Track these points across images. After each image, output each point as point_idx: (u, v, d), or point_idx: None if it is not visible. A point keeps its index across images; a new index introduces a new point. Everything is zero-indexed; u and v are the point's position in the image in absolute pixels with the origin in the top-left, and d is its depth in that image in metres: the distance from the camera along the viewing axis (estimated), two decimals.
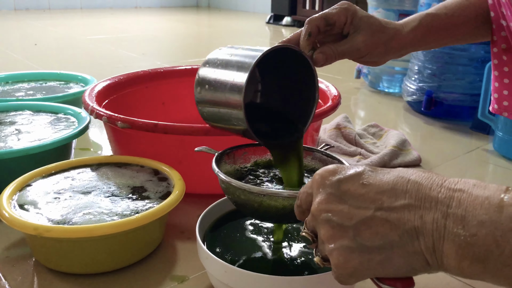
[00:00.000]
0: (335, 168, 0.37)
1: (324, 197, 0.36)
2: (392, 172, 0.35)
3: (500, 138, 1.05)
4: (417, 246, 0.32)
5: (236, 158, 0.60)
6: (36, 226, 0.54)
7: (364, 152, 0.99)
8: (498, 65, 0.71)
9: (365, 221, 0.34)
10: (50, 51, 2.28)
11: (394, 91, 1.58)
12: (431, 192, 0.32)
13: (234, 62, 0.53)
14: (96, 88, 0.93)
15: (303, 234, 0.38)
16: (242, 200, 0.50)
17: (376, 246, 0.33)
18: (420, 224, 0.32)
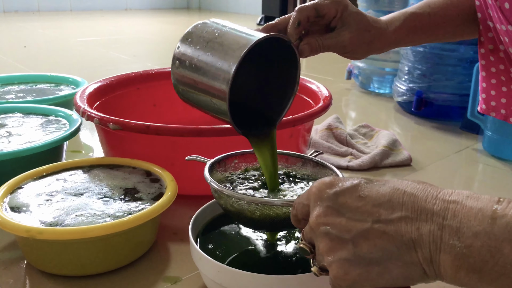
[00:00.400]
0: (331, 180, 0.38)
1: (322, 210, 0.36)
2: (388, 184, 0.36)
3: (489, 137, 1.06)
4: (415, 257, 0.33)
5: (227, 166, 0.60)
6: (28, 228, 0.54)
7: (355, 152, 1.00)
8: (485, 66, 0.72)
9: (363, 234, 0.34)
10: (39, 53, 2.27)
11: (385, 91, 1.59)
12: (427, 204, 0.33)
13: (222, 44, 0.49)
14: (87, 90, 0.93)
15: (301, 245, 0.39)
16: (235, 209, 0.50)
17: (374, 258, 0.34)
18: (417, 236, 0.33)
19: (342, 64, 1.95)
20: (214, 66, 0.48)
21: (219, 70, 0.48)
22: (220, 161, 0.59)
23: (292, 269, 0.52)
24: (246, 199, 0.48)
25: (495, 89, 0.72)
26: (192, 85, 0.52)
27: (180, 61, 0.52)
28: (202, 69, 0.49)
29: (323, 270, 0.38)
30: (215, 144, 0.76)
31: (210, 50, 0.49)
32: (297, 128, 0.85)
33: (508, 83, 0.70)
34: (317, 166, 0.59)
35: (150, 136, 0.74)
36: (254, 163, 0.61)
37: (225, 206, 0.51)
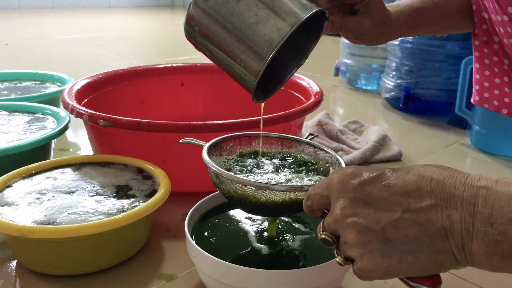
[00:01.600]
0: (354, 170, 0.37)
1: (348, 202, 0.36)
2: (412, 171, 0.35)
3: (477, 132, 1.07)
4: (447, 245, 0.33)
5: (222, 149, 0.59)
6: (19, 227, 0.53)
7: (346, 148, 1.00)
8: (479, 58, 0.72)
9: (393, 224, 0.34)
10: (22, 51, 2.23)
11: (372, 88, 1.60)
12: (456, 191, 0.33)
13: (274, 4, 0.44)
14: (75, 87, 0.92)
15: (322, 236, 0.38)
16: (238, 195, 0.49)
17: (406, 247, 0.34)
18: (449, 224, 0.32)
19: (329, 61, 1.96)
20: (261, 22, 0.43)
21: (266, 29, 0.43)
22: (216, 144, 0.58)
23: (290, 263, 0.52)
24: (253, 185, 0.47)
25: (488, 81, 0.72)
26: (218, 31, 0.45)
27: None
28: (242, 16, 0.44)
29: (347, 259, 0.37)
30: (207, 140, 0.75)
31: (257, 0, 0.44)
32: (289, 124, 0.84)
33: (501, 75, 0.70)
34: (315, 149, 0.59)
35: (141, 132, 0.73)
36: (249, 146, 0.61)
37: (227, 191, 0.51)
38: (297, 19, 0.43)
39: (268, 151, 0.61)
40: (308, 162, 0.59)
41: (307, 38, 0.52)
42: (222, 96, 1.13)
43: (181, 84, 1.14)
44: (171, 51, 2.46)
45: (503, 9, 0.61)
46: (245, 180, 0.48)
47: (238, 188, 0.49)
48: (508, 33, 0.62)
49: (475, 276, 0.61)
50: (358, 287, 0.58)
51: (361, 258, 0.35)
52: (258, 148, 0.61)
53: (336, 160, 0.56)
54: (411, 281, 0.35)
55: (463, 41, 1.23)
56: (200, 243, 0.53)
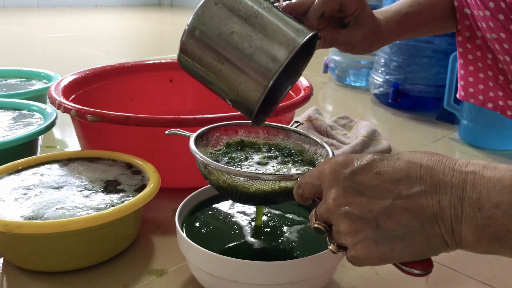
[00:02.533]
0: (345, 159, 0.37)
1: (340, 191, 0.36)
2: (402, 158, 0.35)
3: (465, 126, 1.08)
4: (437, 229, 0.33)
5: (209, 140, 0.59)
6: (5, 222, 0.52)
7: (336, 143, 1.00)
8: (463, 53, 0.73)
9: (385, 211, 0.34)
10: (7, 49, 2.20)
11: (361, 84, 1.61)
12: (445, 177, 0.33)
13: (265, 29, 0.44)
14: (62, 83, 0.90)
15: (315, 225, 0.38)
16: (227, 185, 0.49)
17: (398, 234, 0.34)
18: (439, 209, 0.33)
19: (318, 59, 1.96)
20: (256, 52, 0.43)
21: (262, 60, 0.43)
22: (202, 134, 0.57)
23: (282, 255, 0.51)
24: (242, 175, 0.47)
25: (472, 76, 0.73)
26: (213, 63, 0.45)
27: (204, 26, 0.44)
28: (237, 47, 0.43)
29: (340, 247, 0.38)
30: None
31: (251, 30, 0.44)
32: (279, 119, 0.84)
33: (485, 70, 0.71)
34: (300, 136, 0.59)
35: (129, 127, 0.72)
36: (235, 135, 0.61)
37: (216, 182, 0.50)
38: (292, 47, 0.43)
39: (255, 141, 0.61)
40: (295, 150, 0.59)
41: (300, 56, 0.52)
42: (211, 93, 1.13)
43: (169, 80, 1.13)
44: (159, 49, 2.44)
45: (485, 4, 0.61)
46: (235, 171, 0.48)
47: (227, 179, 0.49)
48: (491, 27, 0.63)
49: (457, 263, 0.61)
50: (350, 279, 0.58)
51: (354, 246, 0.35)
52: (244, 138, 0.61)
53: (322, 147, 0.56)
54: (404, 266, 0.36)
55: (451, 37, 1.23)
56: (191, 237, 0.52)
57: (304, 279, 0.47)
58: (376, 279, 0.58)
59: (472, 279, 0.59)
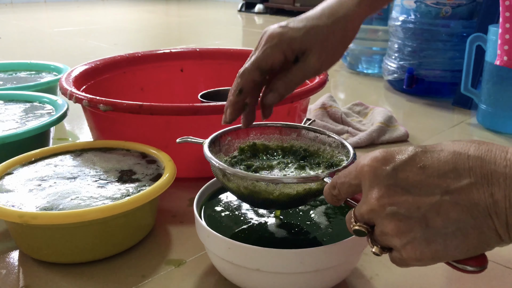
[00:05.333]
0: (384, 155, 0.34)
1: (384, 191, 0.34)
2: (446, 149, 0.33)
3: (484, 110, 1.05)
4: (491, 224, 0.31)
5: (222, 145, 0.56)
6: (21, 213, 0.51)
7: (351, 130, 0.98)
8: (509, 18, 0.69)
9: (434, 208, 0.32)
10: (16, 44, 2.19)
11: (373, 71, 1.58)
12: (497, 168, 0.31)
13: None
14: (73, 74, 0.89)
15: (356, 228, 0.36)
16: (249, 192, 0.47)
17: (450, 231, 0.32)
18: (492, 203, 0.31)
19: None
20: None
21: None
22: (214, 140, 0.55)
23: (301, 242, 0.50)
24: (267, 180, 0.45)
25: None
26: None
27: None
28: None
29: (384, 249, 0.36)
30: (211, 124, 0.72)
31: None
32: (294, 106, 0.82)
33: None
34: (316, 134, 0.56)
35: (143, 116, 0.71)
36: (247, 138, 0.58)
37: (236, 189, 0.48)
38: None
39: (269, 144, 0.58)
40: (312, 150, 0.56)
41: None
42: (223, 82, 1.11)
43: (180, 70, 1.12)
44: (167, 41, 2.43)
45: None
46: (258, 176, 0.46)
47: (249, 185, 0.46)
48: None
49: None
50: (373, 267, 0.56)
51: (404, 248, 0.33)
52: (257, 140, 0.58)
53: (341, 144, 0.53)
54: (457, 264, 0.33)
55: (467, 20, 1.20)
56: (209, 225, 0.51)
57: (329, 267, 0.46)
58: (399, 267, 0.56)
59: (501, 265, 0.57)
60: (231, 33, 2.84)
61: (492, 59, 0.98)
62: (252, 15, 3.56)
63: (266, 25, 3.18)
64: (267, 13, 3.54)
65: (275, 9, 3.52)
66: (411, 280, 0.54)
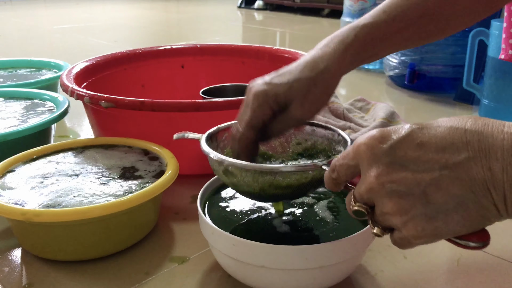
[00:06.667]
0: (381, 133, 0.34)
1: (382, 168, 0.33)
2: (443, 124, 0.33)
3: (486, 105, 1.05)
4: (490, 198, 0.31)
5: (218, 141, 0.56)
6: (23, 211, 0.50)
7: (353, 126, 0.98)
8: None
9: (433, 183, 0.32)
10: (16, 41, 2.19)
11: (375, 67, 1.57)
12: (495, 141, 0.30)
13: None
14: (74, 70, 0.89)
15: (355, 208, 0.36)
16: (246, 183, 0.46)
17: (451, 206, 0.32)
18: (490, 176, 0.30)
19: None
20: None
21: None
22: (211, 136, 0.54)
23: (305, 238, 0.49)
24: (265, 169, 0.44)
25: None
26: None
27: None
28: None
29: (385, 229, 0.35)
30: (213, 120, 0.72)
31: None
32: None
33: None
34: (312, 127, 0.56)
35: (144, 113, 0.70)
36: None
37: (234, 181, 0.47)
38: None
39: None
40: (310, 142, 0.56)
41: None
42: (224, 78, 1.10)
43: (181, 66, 1.11)
44: (167, 38, 2.42)
45: None
46: (256, 166, 0.45)
47: (247, 176, 0.46)
48: None
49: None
50: (378, 263, 0.56)
51: (405, 225, 0.33)
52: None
53: (338, 136, 0.53)
54: (459, 240, 0.33)
55: None
56: (214, 222, 0.50)
57: (334, 263, 0.45)
58: (404, 263, 0.56)
59: (505, 261, 0.57)
60: (231, 29, 2.83)
61: (495, 54, 0.98)
62: (251, 11, 3.55)
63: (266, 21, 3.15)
64: (266, 9, 3.53)
65: (274, 5, 3.51)
66: (416, 276, 0.54)
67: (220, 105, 0.69)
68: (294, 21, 2.97)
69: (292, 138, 0.57)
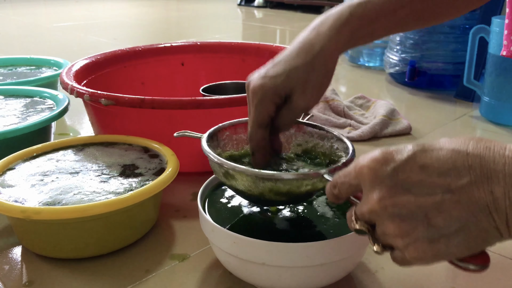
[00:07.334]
0: (383, 155, 0.34)
1: (385, 191, 0.33)
2: (445, 147, 0.33)
3: (487, 103, 1.05)
4: (492, 221, 0.31)
5: (219, 140, 0.55)
6: (23, 208, 0.50)
7: (354, 123, 0.98)
8: None
9: (436, 207, 0.32)
10: (15, 39, 2.18)
11: (375, 65, 1.57)
12: (496, 166, 0.30)
13: None
14: (74, 68, 0.88)
15: (357, 227, 0.36)
16: (246, 187, 0.46)
17: (453, 230, 0.32)
18: (492, 200, 0.30)
19: None
20: None
21: None
22: (212, 135, 0.54)
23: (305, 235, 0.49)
24: (266, 176, 0.44)
25: None
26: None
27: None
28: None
29: (385, 247, 0.36)
30: (213, 118, 0.72)
31: None
32: None
33: None
34: (314, 129, 0.55)
35: (145, 111, 0.70)
36: (245, 133, 0.57)
37: (234, 184, 0.47)
38: None
39: None
40: (311, 145, 0.56)
41: None
42: (224, 75, 1.10)
43: (181, 63, 1.11)
44: (167, 36, 2.42)
45: None
46: (257, 172, 0.44)
47: (247, 180, 0.45)
48: None
49: None
50: (378, 260, 0.56)
51: (406, 248, 0.33)
52: None
53: (339, 140, 0.53)
54: (460, 262, 0.33)
55: (469, 12, 1.19)
56: (214, 219, 0.50)
57: (335, 260, 0.45)
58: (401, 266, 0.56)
59: (506, 258, 0.57)
60: (231, 27, 2.83)
61: (496, 51, 0.97)
62: (251, 8, 3.54)
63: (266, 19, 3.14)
64: (266, 6, 3.53)
65: (274, 2, 3.50)
66: (416, 274, 0.54)
67: (220, 103, 0.69)
68: (294, 19, 2.96)
69: (292, 140, 0.57)
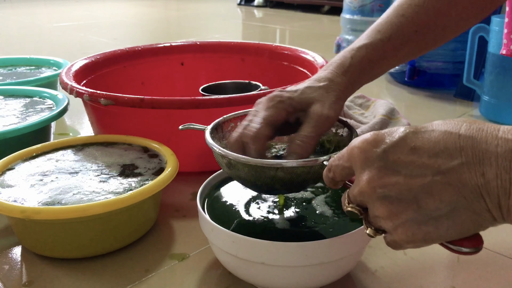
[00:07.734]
0: (375, 137, 0.34)
1: (374, 173, 0.33)
2: (437, 129, 0.32)
3: (487, 102, 1.05)
4: (483, 204, 0.30)
5: (224, 131, 0.56)
6: (23, 208, 0.50)
7: (353, 123, 0.98)
8: None
9: (425, 189, 0.31)
10: (14, 39, 2.18)
11: None
12: (488, 147, 0.30)
13: None
14: (73, 68, 0.89)
15: (349, 209, 0.36)
16: (250, 176, 0.47)
17: (443, 212, 0.31)
18: (483, 182, 0.30)
19: (329, 39, 1.93)
20: None
21: None
22: (217, 127, 0.55)
23: (305, 235, 0.49)
24: (268, 164, 0.44)
25: None
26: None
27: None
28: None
29: (378, 230, 0.35)
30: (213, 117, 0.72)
31: None
32: None
33: None
34: None
35: (144, 110, 0.70)
36: None
37: (239, 174, 0.48)
38: None
39: None
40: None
41: None
42: (223, 75, 1.10)
43: (181, 63, 1.11)
44: (167, 35, 2.42)
45: None
46: (259, 161, 0.45)
47: (250, 170, 0.46)
48: None
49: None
50: (378, 260, 0.56)
51: (395, 230, 0.33)
52: None
53: (343, 126, 0.53)
54: (452, 245, 0.33)
55: None
56: (213, 219, 0.50)
57: (334, 259, 0.45)
58: (404, 259, 0.56)
59: (505, 257, 0.57)
60: (231, 26, 2.83)
61: (496, 50, 0.97)
62: (251, 8, 3.54)
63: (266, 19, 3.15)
64: (266, 6, 3.53)
65: (274, 2, 3.51)
66: (415, 273, 0.54)
67: (219, 102, 0.69)
68: (294, 18, 2.96)
69: None
